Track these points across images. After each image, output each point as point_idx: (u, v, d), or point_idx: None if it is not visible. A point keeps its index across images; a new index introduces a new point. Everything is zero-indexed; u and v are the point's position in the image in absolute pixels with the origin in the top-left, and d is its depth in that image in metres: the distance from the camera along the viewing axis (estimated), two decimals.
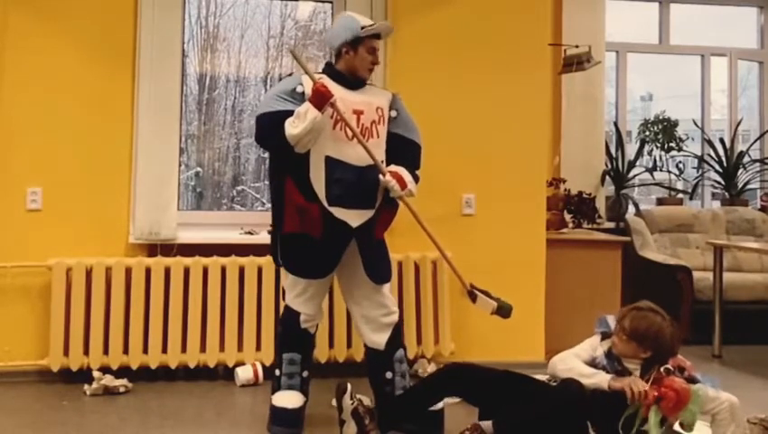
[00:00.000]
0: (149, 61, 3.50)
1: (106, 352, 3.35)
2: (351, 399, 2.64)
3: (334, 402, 3.03)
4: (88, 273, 3.36)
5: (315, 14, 4.78)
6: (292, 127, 2.58)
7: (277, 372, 2.81)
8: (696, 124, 5.67)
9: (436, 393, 2.70)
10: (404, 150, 2.83)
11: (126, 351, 3.37)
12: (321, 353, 3.38)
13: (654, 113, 5.59)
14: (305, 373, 2.81)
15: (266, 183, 5.11)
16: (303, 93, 2.65)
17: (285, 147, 2.62)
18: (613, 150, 5.32)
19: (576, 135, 5.00)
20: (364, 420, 2.58)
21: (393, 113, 2.85)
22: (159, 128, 3.51)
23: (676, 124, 5.38)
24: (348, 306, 2.93)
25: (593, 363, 2.57)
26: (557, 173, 4.75)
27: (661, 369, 2.45)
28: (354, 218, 2.70)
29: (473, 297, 2.76)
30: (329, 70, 2.82)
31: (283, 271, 2.87)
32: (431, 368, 3.51)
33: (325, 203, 2.66)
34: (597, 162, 5.10)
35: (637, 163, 5.37)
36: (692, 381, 2.45)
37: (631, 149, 5.45)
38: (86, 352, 3.34)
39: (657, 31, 5.66)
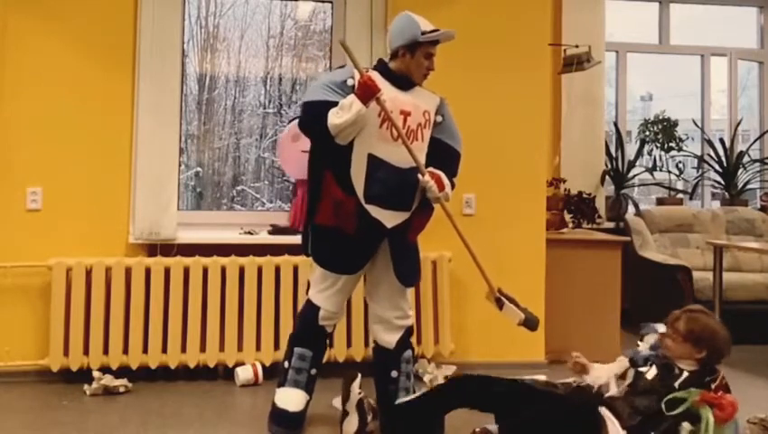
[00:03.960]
0: (149, 60, 3.50)
1: (106, 352, 3.35)
2: (360, 389, 2.64)
3: (335, 402, 3.04)
4: (88, 273, 3.36)
5: (315, 13, 4.78)
6: (335, 117, 2.57)
7: (286, 364, 2.80)
8: (696, 124, 5.67)
9: (444, 405, 2.65)
10: (444, 156, 2.82)
11: (125, 351, 3.37)
12: None
13: (654, 113, 5.59)
14: (313, 371, 2.79)
15: (266, 182, 5.15)
16: (353, 86, 2.64)
17: (326, 137, 2.61)
18: (612, 150, 5.32)
19: (575, 135, 5.00)
20: (367, 415, 2.58)
21: (439, 118, 2.83)
22: (159, 128, 3.50)
23: (676, 124, 5.39)
24: (367, 301, 2.94)
25: (635, 359, 2.62)
26: (557, 173, 4.75)
27: (721, 376, 2.47)
28: (389, 219, 2.70)
29: (500, 304, 2.74)
30: (382, 67, 2.80)
31: (312, 265, 2.86)
32: (431, 368, 3.52)
33: (362, 200, 2.65)
34: (597, 162, 5.10)
35: (637, 163, 5.37)
36: None
37: (631, 149, 5.46)
38: (86, 352, 3.33)
39: (657, 31, 5.67)
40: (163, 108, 3.51)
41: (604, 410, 2.48)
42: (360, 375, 2.71)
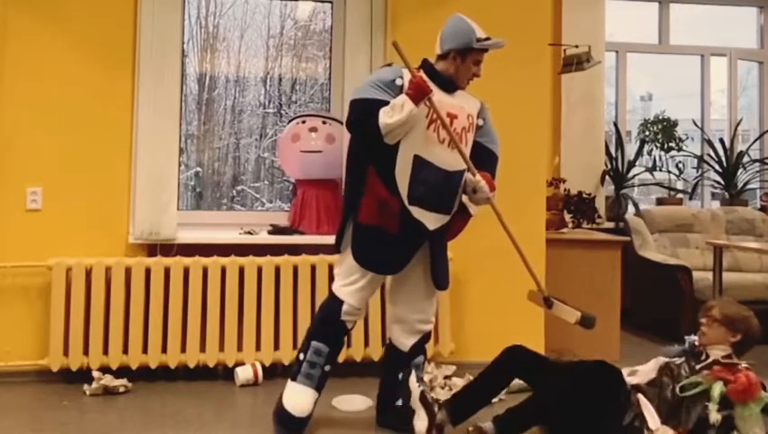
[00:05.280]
0: (149, 61, 3.49)
1: (105, 352, 3.35)
2: (418, 382, 2.65)
3: (334, 402, 3.04)
4: (88, 273, 3.35)
5: (315, 13, 4.79)
6: (386, 117, 2.55)
7: (301, 356, 2.77)
8: (695, 124, 5.67)
9: (502, 377, 2.76)
10: (484, 159, 2.81)
11: (125, 351, 3.37)
12: None
13: (654, 113, 5.60)
14: (328, 368, 2.76)
15: (266, 182, 5.15)
16: (401, 86, 2.63)
17: (373, 135, 2.59)
18: (612, 150, 5.32)
19: (575, 135, 5.00)
20: (433, 407, 2.57)
21: (480, 121, 2.84)
22: (159, 128, 3.50)
23: (675, 124, 5.39)
24: (388, 301, 2.93)
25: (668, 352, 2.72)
26: (557, 173, 4.76)
27: (744, 365, 2.52)
28: (431, 221, 2.69)
29: (549, 304, 2.75)
30: (428, 68, 2.78)
31: (338, 258, 2.83)
32: (431, 368, 3.51)
33: (405, 201, 2.64)
34: (597, 162, 5.10)
35: (637, 163, 5.38)
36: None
37: (630, 149, 5.46)
38: (86, 352, 3.33)
39: (657, 31, 5.67)
40: (163, 108, 3.51)
41: (640, 396, 2.55)
42: (413, 370, 2.71)
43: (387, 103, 2.58)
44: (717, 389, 2.42)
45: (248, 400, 3.25)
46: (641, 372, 2.68)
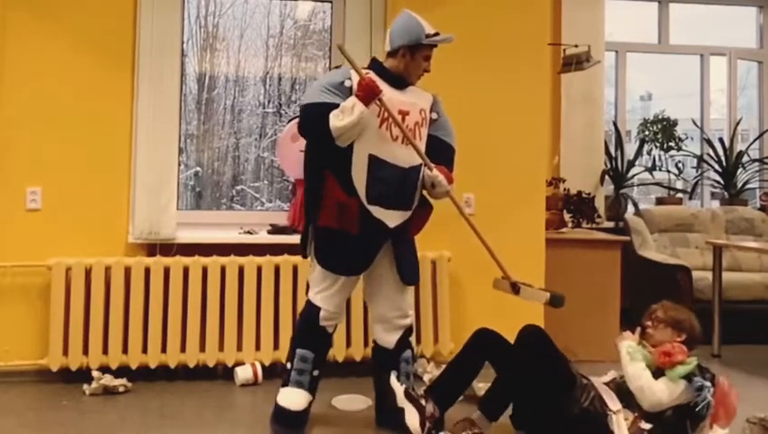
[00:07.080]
0: (149, 60, 3.50)
1: (105, 351, 3.35)
2: (399, 381, 2.67)
3: (334, 401, 3.04)
4: (88, 273, 3.36)
5: (314, 13, 4.78)
6: (337, 120, 2.57)
7: (289, 365, 2.79)
8: (695, 123, 5.67)
9: (473, 360, 2.77)
10: (441, 153, 2.83)
11: (125, 350, 3.37)
12: None
13: (654, 113, 5.60)
14: (316, 372, 2.78)
15: (266, 182, 5.15)
16: (350, 88, 2.64)
17: (327, 139, 2.61)
18: (612, 150, 5.32)
19: (575, 134, 5.00)
20: (420, 401, 2.59)
21: (434, 115, 2.85)
22: (158, 128, 3.50)
23: (675, 123, 5.39)
24: (366, 302, 2.95)
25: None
26: (557, 172, 4.75)
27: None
28: (392, 218, 2.71)
29: (516, 289, 2.78)
30: (376, 66, 2.80)
31: (310, 265, 2.86)
32: (431, 367, 3.52)
33: (364, 201, 2.66)
34: (597, 161, 5.10)
35: (636, 162, 5.37)
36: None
37: (630, 149, 5.46)
38: (85, 351, 3.34)
39: (656, 30, 5.67)
40: (162, 108, 3.51)
41: (595, 380, 2.63)
42: (393, 372, 2.73)
43: (337, 106, 2.59)
44: (635, 346, 2.57)
45: (248, 400, 3.25)
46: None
